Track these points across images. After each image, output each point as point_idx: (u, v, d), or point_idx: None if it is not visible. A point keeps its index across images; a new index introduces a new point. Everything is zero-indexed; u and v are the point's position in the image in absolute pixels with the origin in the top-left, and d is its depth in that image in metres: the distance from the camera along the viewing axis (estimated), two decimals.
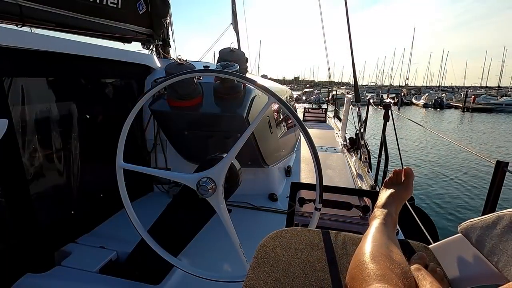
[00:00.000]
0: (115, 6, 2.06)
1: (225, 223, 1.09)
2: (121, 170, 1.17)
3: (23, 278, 1.34)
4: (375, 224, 0.70)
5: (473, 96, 31.01)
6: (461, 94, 36.90)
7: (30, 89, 1.38)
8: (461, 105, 29.94)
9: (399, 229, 1.81)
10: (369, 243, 0.58)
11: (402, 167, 2.76)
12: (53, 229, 1.55)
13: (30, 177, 1.42)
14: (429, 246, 0.73)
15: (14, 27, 1.51)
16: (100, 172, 1.88)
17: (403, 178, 0.86)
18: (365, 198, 1.46)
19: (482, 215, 0.63)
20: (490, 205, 1.16)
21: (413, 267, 0.60)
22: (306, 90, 42.41)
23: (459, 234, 0.66)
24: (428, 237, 1.71)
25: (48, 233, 1.51)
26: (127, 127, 1.13)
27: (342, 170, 3.15)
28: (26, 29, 1.55)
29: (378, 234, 0.63)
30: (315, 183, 1.01)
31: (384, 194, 0.83)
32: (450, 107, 32.14)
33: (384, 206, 0.78)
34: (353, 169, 3.19)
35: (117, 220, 1.94)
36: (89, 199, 1.83)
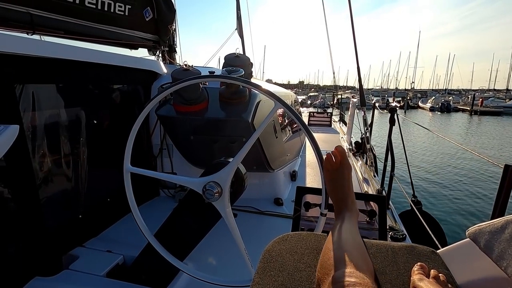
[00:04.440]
0: (122, 13, 2.10)
1: (230, 227, 1.09)
2: (128, 173, 1.18)
3: (32, 281, 1.35)
4: (341, 216, 0.74)
5: (480, 99, 30.62)
6: (469, 97, 36.43)
7: (40, 96, 1.41)
8: (468, 108, 29.54)
9: (406, 234, 1.79)
10: (336, 234, 0.63)
11: (409, 171, 2.71)
12: (61, 233, 1.57)
13: (40, 181, 1.44)
14: (437, 251, 0.72)
15: (24, 35, 1.55)
16: (107, 177, 1.90)
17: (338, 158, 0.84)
18: (372, 203, 1.44)
19: (491, 219, 0.63)
20: (499, 209, 1.14)
21: (415, 277, 0.60)
22: (311, 94, 42.39)
23: (467, 239, 0.65)
24: (436, 242, 1.69)
25: (56, 237, 1.52)
26: (134, 132, 1.15)
27: None
28: (36, 36, 1.59)
29: (344, 225, 0.68)
30: (321, 187, 1.00)
31: (334, 183, 0.84)
32: (457, 110, 31.76)
33: (342, 198, 0.81)
34: (359, 173, 3.16)
35: (123, 224, 1.96)
36: (97, 203, 1.85)
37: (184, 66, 1.61)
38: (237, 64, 1.65)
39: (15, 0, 1.44)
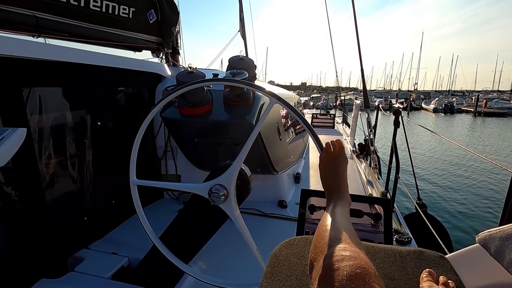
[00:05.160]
0: (126, 16, 2.11)
1: (240, 229, 1.09)
2: (135, 186, 1.19)
3: (38, 283, 1.36)
4: (332, 202, 0.74)
5: (484, 100, 30.33)
6: (472, 98, 36.14)
7: (46, 98, 1.42)
8: (472, 109, 29.33)
9: (411, 237, 1.77)
10: (328, 216, 0.64)
11: (414, 174, 2.68)
12: (66, 235, 1.58)
13: (46, 183, 1.45)
14: (446, 256, 0.71)
15: (30, 38, 1.56)
16: (112, 179, 1.91)
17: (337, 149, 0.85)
18: (376, 206, 1.43)
19: (499, 225, 0.62)
20: (508, 214, 1.12)
21: (424, 284, 0.59)
22: (314, 95, 42.34)
23: (477, 244, 0.64)
24: (443, 246, 1.67)
25: (62, 239, 1.53)
26: (138, 142, 1.15)
27: (352, 177, 3.11)
28: (40, 39, 1.60)
29: (337, 209, 0.69)
30: None
31: (328, 172, 0.83)
32: (461, 111, 31.55)
33: (334, 186, 0.80)
34: (363, 175, 3.15)
35: (128, 226, 1.96)
36: (102, 205, 1.86)
37: (189, 69, 1.62)
38: (241, 66, 1.65)
39: (20, 3, 1.45)
